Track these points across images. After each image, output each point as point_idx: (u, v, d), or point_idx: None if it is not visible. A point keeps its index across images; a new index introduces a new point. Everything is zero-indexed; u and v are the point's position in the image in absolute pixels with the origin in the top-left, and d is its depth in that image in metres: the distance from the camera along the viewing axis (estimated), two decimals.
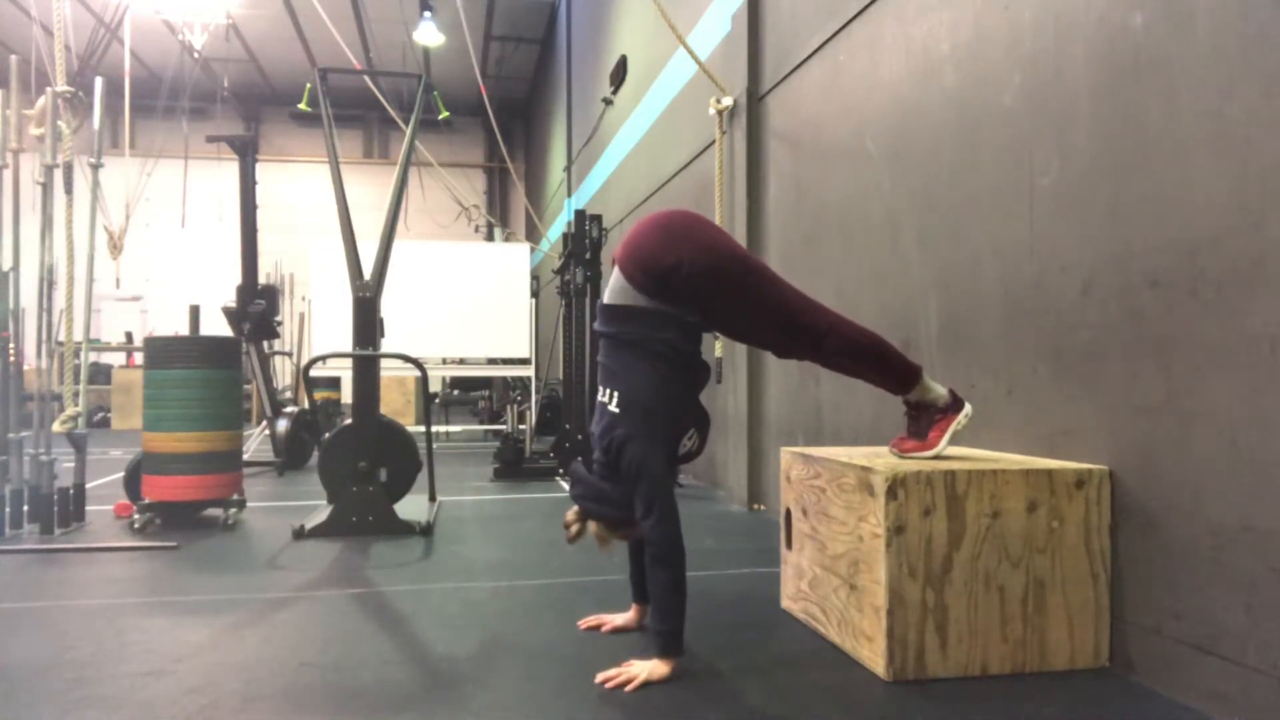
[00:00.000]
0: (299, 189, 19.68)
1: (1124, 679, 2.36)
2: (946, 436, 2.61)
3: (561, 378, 7.75)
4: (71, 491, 4.55)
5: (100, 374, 12.71)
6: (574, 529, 2.59)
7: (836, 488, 2.63)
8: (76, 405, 4.51)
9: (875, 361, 2.62)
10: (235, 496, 4.70)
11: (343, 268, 4.84)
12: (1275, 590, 1.97)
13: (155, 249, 18.26)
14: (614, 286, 2.51)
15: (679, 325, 2.47)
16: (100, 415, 12.25)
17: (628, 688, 2.27)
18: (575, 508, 2.60)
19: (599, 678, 2.32)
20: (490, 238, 20.39)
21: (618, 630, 2.77)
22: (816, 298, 2.67)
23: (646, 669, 2.32)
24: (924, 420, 2.67)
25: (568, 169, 13.87)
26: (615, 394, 2.46)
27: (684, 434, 2.55)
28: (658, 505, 2.35)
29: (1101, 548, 2.43)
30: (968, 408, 2.67)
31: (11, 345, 4.57)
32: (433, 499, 5.12)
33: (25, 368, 6.08)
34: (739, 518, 5.02)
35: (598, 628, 2.79)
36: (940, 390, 2.67)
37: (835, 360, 2.62)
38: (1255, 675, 2.01)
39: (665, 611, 2.36)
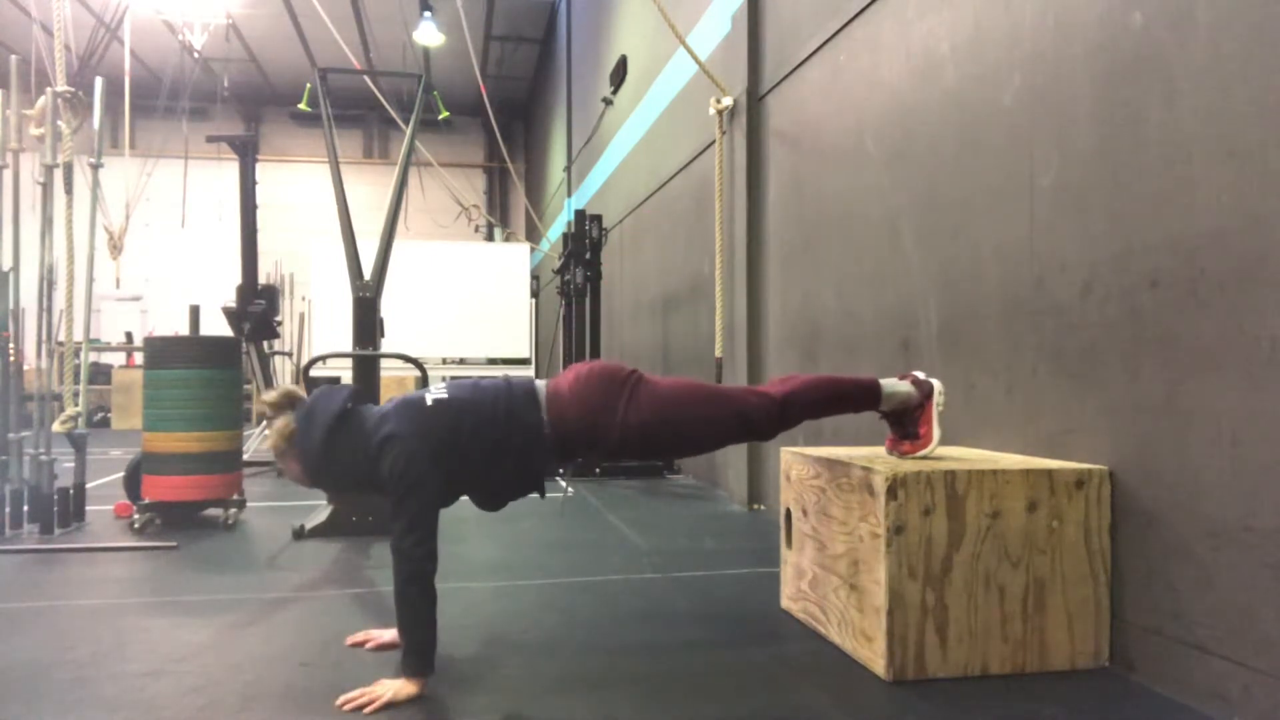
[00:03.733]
0: (299, 189, 19.65)
1: (1124, 679, 2.36)
2: (935, 426, 2.61)
3: None
4: (71, 491, 4.55)
5: (100, 374, 12.70)
6: (271, 400, 2.38)
7: (836, 488, 2.63)
8: (76, 405, 4.51)
9: (837, 401, 2.65)
10: (235, 496, 4.70)
11: (343, 268, 4.83)
12: (1275, 590, 1.97)
13: (155, 249, 18.22)
14: (542, 394, 2.41)
15: (531, 465, 2.40)
16: (100, 415, 12.25)
17: (368, 709, 2.12)
18: (291, 391, 2.40)
19: (339, 701, 2.16)
20: (490, 238, 20.38)
21: (384, 647, 2.58)
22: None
23: (393, 689, 2.18)
24: (907, 421, 2.67)
25: (568, 169, 13.86)
26: (445, 395, 2.35)
27: (452, 495, 2.41)
28: (423, 522, 2.22)
29: (1101, 548, 2.43)
30: (937, 385, 2.66)
31: (11, 345, 4.57)
32: None
33: (25, 368, 6.08)
34: (739, 518, 5.02)
35: (363, 644, 2.61)
36: (904, 388, 2.65)
37: (802, 418, 2.63)
38: (1255, 675, 2.01)
39: (420, 628, 2.23)
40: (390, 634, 2.60)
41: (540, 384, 2.47)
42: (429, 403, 2.34)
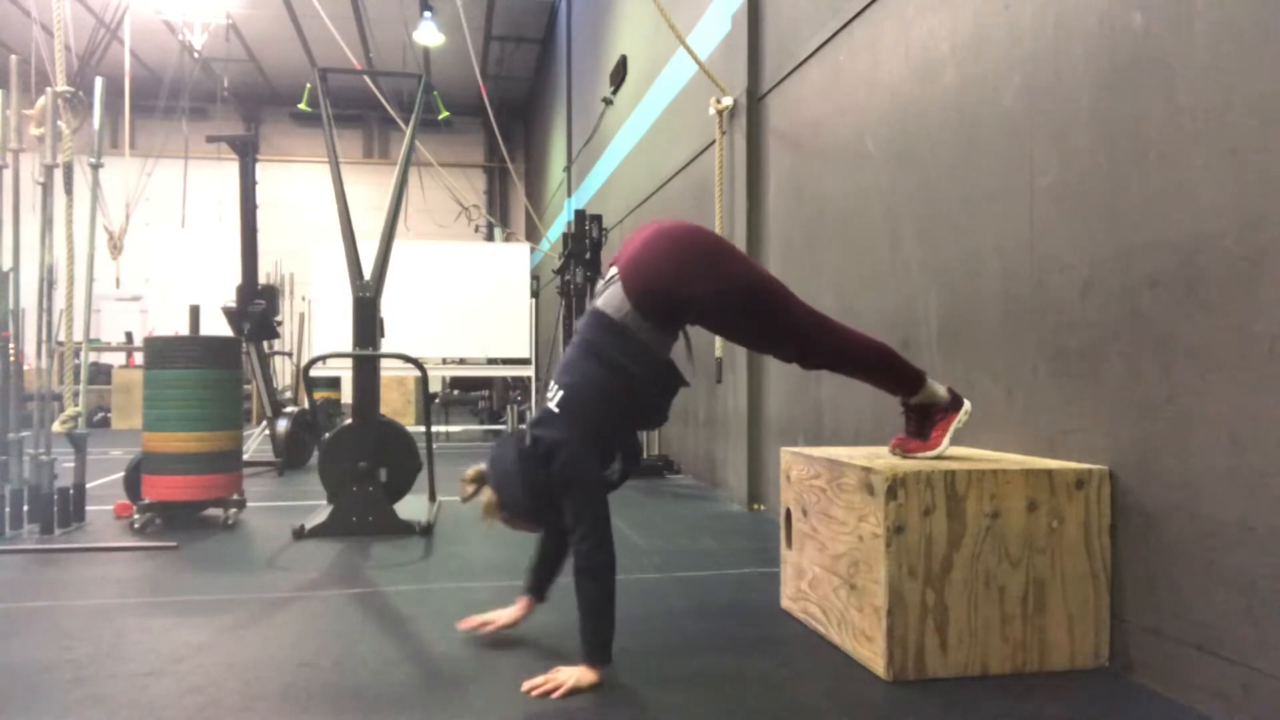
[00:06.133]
0: (299, 189, 19.67)
1: (1124, 679, 2.36)
2: (948, 436, 2.61)
3: None
4: (71, 491, 4.55)
5: (100, 374, 12.71)
6: (469, 489, 2.52)
7: (836, 488, 2.63)
8: (76, 405, 4.51)
9: (886, 371, 2.67)
10: (235, 496, 4.70)
11: (343, 268, 4.83)
12: (1275, 590, 1.97)
13: (155, 249, 18.23)
14: (611, 296, 2.44)
15: (657, 369, 2.46)
16: (100, 415, 12.25)
17: (555, 694, 2.21)
18: (481, 466, 2.52)
19: (525, 685, 2.26)
20: (490, 238, 20.39)
21: (503, 628, 2.68)
22: (816, 298, 2.69)
23: (574, 675, 2.27)
24: (925, 421, 2.67)
25: (568, 169, 13.87)
26: (561, 392, 2.42)
27: (611, 459, 2.52)
28: (588, 516, 2.30)
29: (1101, 548, 2.43)
30: (967, 405, 2.67)
31: (11, 345, 4.57)
32: (433, 499, 5.12)
33: (25, 368, 6.08)
34: (739, 518, 5.02)
35: (481, 627, 2.69)
36: (941, 391, 2.68)
37: (849, 370, 2.67)
38: (1255, 675, 2.01)
39: (595, 619, 2.31)
40: (508, 614, 2.70)
41: (607, 303, 2.45)
42: (555, 409, 2.40)
